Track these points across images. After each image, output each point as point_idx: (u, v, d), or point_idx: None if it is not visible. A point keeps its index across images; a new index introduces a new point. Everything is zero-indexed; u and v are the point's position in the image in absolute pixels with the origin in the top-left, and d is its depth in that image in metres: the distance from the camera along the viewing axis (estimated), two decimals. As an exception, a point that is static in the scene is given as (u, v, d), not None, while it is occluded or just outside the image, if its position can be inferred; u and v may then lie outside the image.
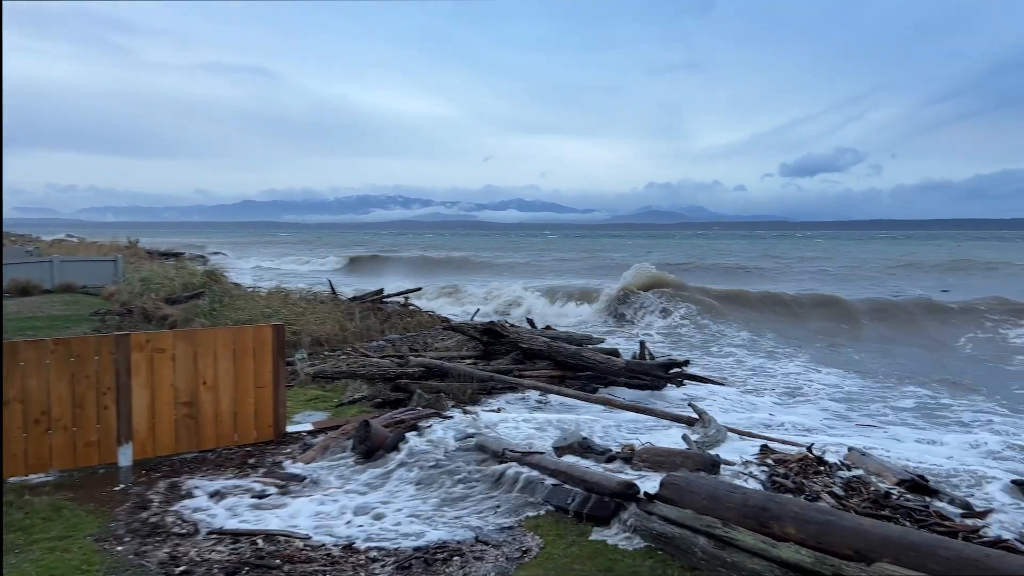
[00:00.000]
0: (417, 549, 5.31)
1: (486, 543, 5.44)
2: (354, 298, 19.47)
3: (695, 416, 8.31)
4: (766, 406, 11.66)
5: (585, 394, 10.08)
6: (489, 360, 12.06)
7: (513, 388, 10.80)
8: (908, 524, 5.50)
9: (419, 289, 20.86)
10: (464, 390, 10.33)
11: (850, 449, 7.67)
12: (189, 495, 6.62)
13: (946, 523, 5.55)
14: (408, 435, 8.46)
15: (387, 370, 11.22)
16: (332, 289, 20.30)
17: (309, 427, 9.07)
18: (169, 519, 6.01)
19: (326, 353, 14.46)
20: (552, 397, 10.65)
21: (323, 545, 5.47)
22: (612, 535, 5.65)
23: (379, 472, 7.50)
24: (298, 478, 7.24)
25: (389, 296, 19.61)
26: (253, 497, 6.62)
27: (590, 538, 5.64)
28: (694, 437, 7.76)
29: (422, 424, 9.01)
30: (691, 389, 12.16)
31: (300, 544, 5.44)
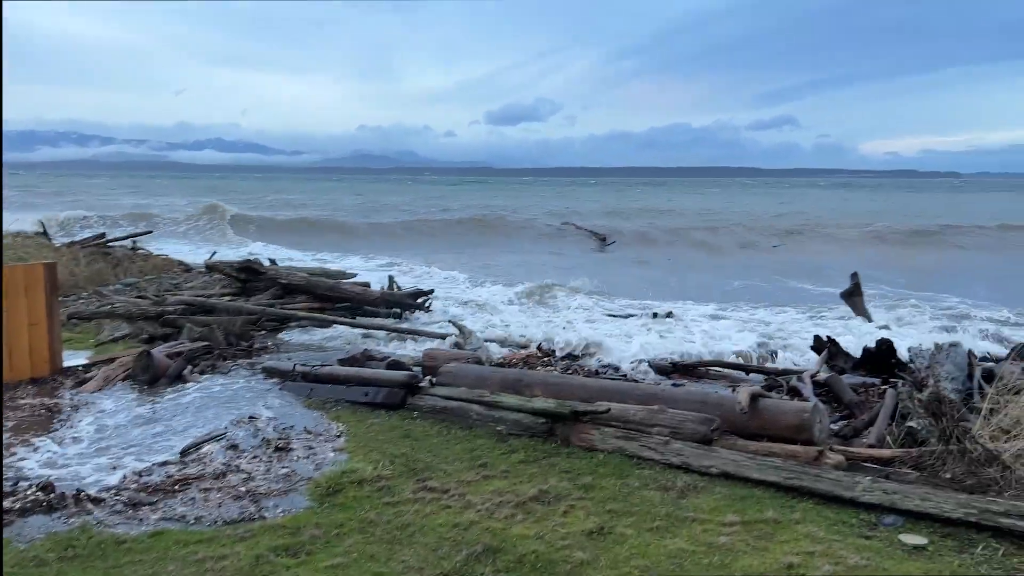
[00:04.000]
0: (265, 440, 6.39)
1: (310, 432, 6.65)
2: (73, 242, 18.37)
3: (456, 332, 10.03)
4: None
5: (359, 320, 11.31)
6: (248, 297, 12.70)
7: (282, 320, 11.66)
8: (614, 385, 7.71)
9: (149, 232, 20.13)
10: (233, 323, 10.99)
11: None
12: None
13: (636, 381, 7.85)
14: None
15: (146, 309, 11.43)
16: (45, 232, 18.89)
17: (84, 361, 9.27)
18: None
19: (60, 298, 13.90)
20: (318, 329, 11.72)
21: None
22: (404, 415, 7.13)
23: (184, 393, 8.17)
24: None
25: (115, 240, 18.79)
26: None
27: (387, 421, 7.07)
28: (467, 347, 9.50)
29: (202, 356, 9.65)
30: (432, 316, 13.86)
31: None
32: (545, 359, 9.12)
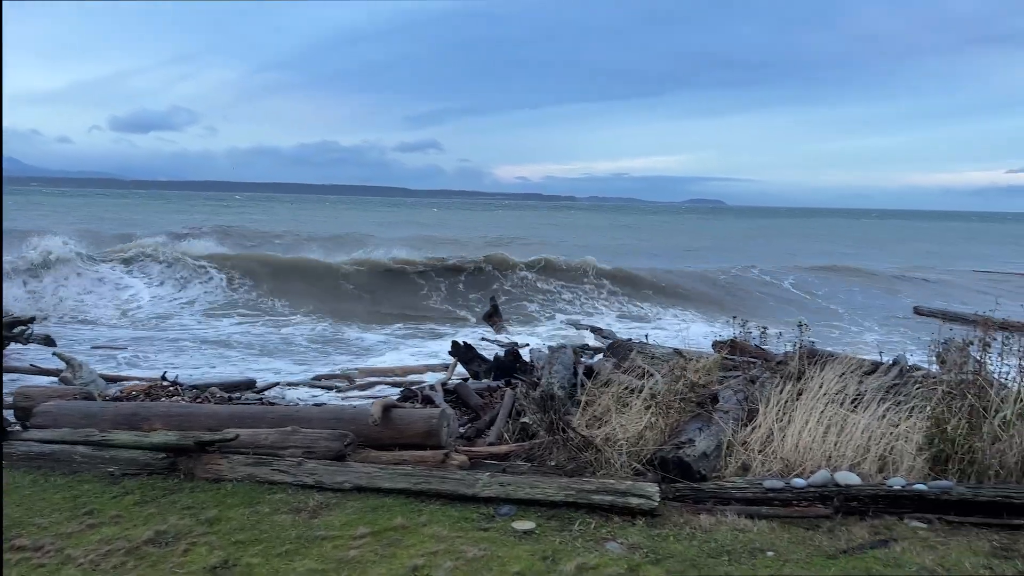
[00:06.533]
0: None
1: None
2: None
3: (62, 367, 8.77)
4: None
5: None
6: None
7: None
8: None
9: None
10: None
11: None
12: None
13: (272, 403, 7.61)
14: None
15: None
16: None
17: None
18: None
19: None
20: None
21: None
22: (-14, 467, 6.01)
23: None
24: None
25: None
26: None
27: (-40, 475, 5.90)
28: (77, 382, 8.30)
29: None
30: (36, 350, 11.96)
31: None
32: (171, 388, 8.39)
